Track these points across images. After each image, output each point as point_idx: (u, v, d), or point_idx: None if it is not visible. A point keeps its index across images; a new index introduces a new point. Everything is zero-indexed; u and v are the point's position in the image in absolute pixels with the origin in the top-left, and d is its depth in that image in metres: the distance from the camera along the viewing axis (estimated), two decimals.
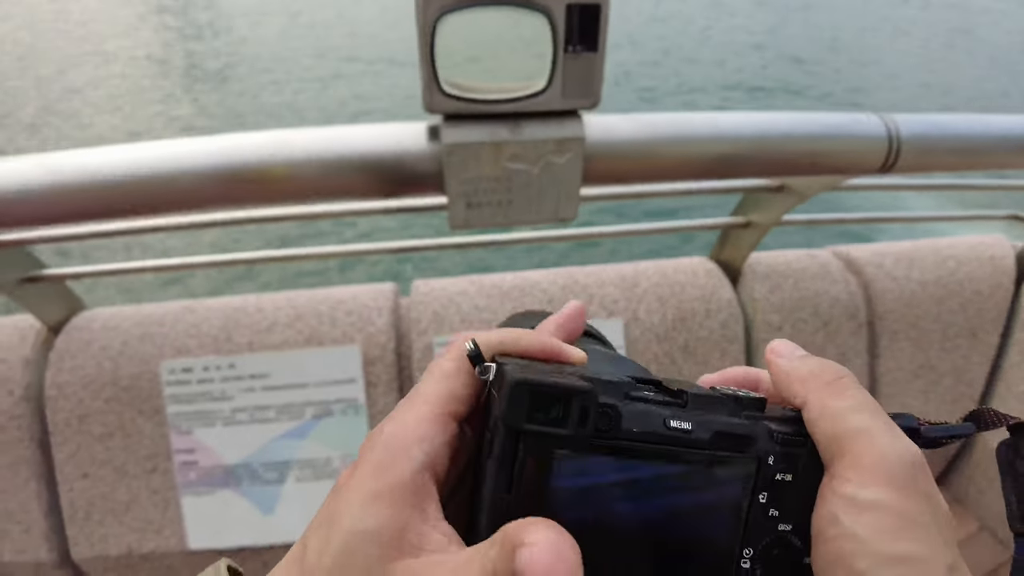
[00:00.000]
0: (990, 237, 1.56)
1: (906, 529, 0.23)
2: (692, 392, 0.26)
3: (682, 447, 0.25)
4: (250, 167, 0.73)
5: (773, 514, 0.26)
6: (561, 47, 0.67)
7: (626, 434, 0.24)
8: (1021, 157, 0.98)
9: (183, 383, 1.07)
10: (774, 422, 0.26)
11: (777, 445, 0.26)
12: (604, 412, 0.24)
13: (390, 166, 0.76)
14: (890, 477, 0.24)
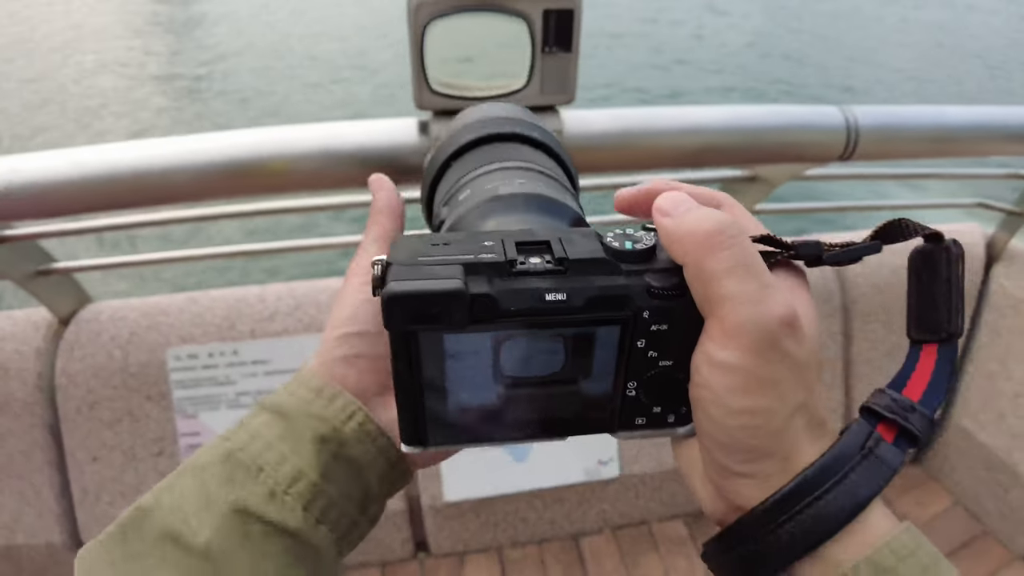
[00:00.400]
0: (963, 224, 1.62)
1: (754, 388, 0.26)
2: (573, 258, 0.28)
3: (559, 315, 0.28)
4: (253, 161, 0.79)
5: (652, 355, 0.29)
6: (539, 48, 0.73)
7: (505, 313, 0.27)
8: (974, 146, 1.05)
9: (188, 369, 1.13)
10: (655, 275, 0.28)
11: (654, 300, 0.28)
12: (480, 302, 0.27)
13: (383, 159, 0.81)
14: (746, 342, 0.26)
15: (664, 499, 1.47)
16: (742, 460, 0.27)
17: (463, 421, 0.31)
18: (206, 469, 0.32)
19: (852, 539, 0.26)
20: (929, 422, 0.28)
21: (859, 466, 0.26)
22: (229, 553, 0.29)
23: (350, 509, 0.33)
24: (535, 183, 0.38)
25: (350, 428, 0.33)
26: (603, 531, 1.47)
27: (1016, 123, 1.07)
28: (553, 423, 0.31)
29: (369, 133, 0.81)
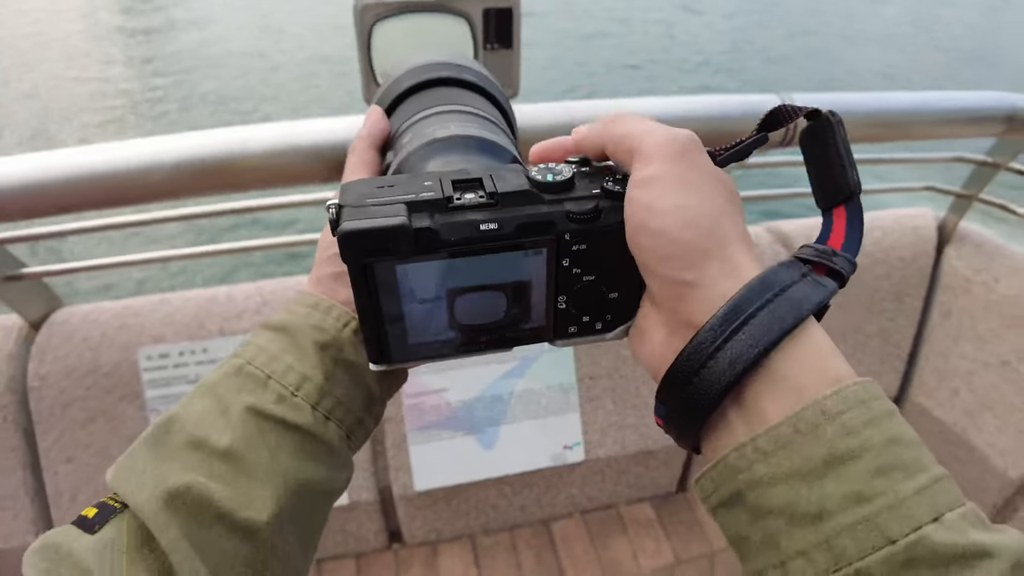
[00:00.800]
0: (915, 209, 1.68)
1: (678, 187, 0.30)
2: (503, 191, 0.32)
3: (493, 241, 0.32)
4: (219, 159, 0.81)
5: (577, 271, 0.34)
6: (480, 45, 0.76)
7: (446, 243, 0.31)
8: (914, 130, 1.10)
9: (160, 368, 1.15)
10: (574, 202, 0.33)
11: (573, 224, 0.32)
12: (423, 234, 0.31)
13: (343, 153, 0.85)
14: (664, 155, 0.31)
15: (630, 482, 1.51)
16: (686, 264, 0.29)
17: (420, 343, 0.35)
18: (219, 384, 0.35)
19: (800, 352, 0.27)
20: (850, 263, 0.31)
21: (799, 283, 0.28)
22: (248, 450, 0.32)
23: (355, 407, 0.37)
24: (471, 125, 0.42)
25: (346, 335, 0.37)
26: (572, 515, 1.50)
27: (954, 107, 1.12)
28: (499, 339, 0.36)
29: (329, 130, 0.85)
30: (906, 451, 0.25)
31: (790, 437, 0.25)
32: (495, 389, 1.29)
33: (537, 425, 1.32)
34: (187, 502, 0.30)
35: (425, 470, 1.27)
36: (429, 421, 1.26)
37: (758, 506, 0.26)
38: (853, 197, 0.32)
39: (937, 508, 0.23)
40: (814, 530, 0.24)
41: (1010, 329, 1.50)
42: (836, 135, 0.33)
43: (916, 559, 0.22)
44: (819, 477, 0.25)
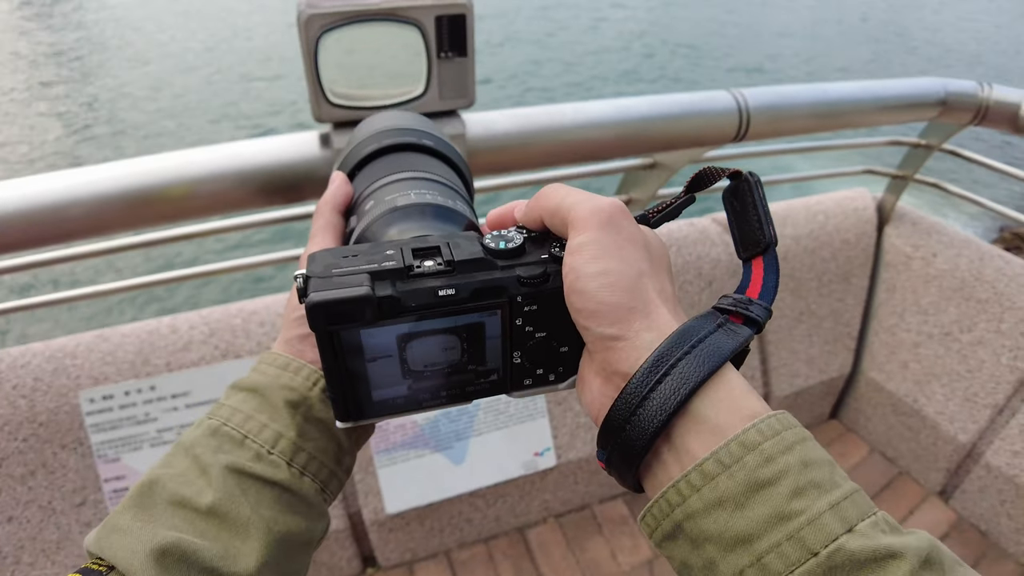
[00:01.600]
0: (853, 191, 1.73)
1: (603, 253, 0.32)
2: (459, 259, 0.34)
3: (452, 305, 0.34)
4: (152, 189, 0.76)
5: (529, 329, 0.37)
6: (434, 54, 0.73)
7: (407, 308, 0.33)
8: (858, 118, 1.12)
9: (105, 411, 1.08)
10: (524, 268, 0.35)
11: (524, 287, 0.35)
12: (386, 302, 0.33)
13: (287, 175, 0.80)
14: (591, 223, 0.33)
15: (602, 481, 1.50)
16: (612, 320, 0.32)
17: (384, 400, 0.37)
18: (195, 445, 0.36)
19: (718, 395, 0.30)
20: (766, 310, 0.34)
21: (716, 332, 0.31)
22: (231, 507, 0.34)
23: (327, 461, 0.39)
24: (428, 193, 0.44)
25: (315, 393, 0.39)
26: (547, 520, 1.49)
27: (890, 95, 1.15)
28: (460, 393, 0.38)
29: (270, 150, 0.80)
30: (819, 472, 0.28)
31: (716, 470, 0.28)
32: None
33: (506, 435, 1.30)
34: (176, 559, 0.31)
35: (395, 492, 1.23)
36: (395, 442, 1.22)
37: (696, 536, 0.29)
38: (769, 249, 0.36)
39: (849, 520, 0.26)
40: (745, 552, 0.27)
41: (949, 301, 1.56)
42: (755, 194, 0.36)
43: (836, 566, 0.25)
44: (744, 503, 0.27)
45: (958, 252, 1.56)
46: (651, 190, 1.14)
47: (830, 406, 1.79)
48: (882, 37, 11.64)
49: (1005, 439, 1.47)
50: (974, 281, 1.52)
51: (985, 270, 1.51)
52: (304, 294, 0.32)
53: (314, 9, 0.70)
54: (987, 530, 1.54)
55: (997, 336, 1.49)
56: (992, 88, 1.22)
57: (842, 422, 1.81)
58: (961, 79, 1.25)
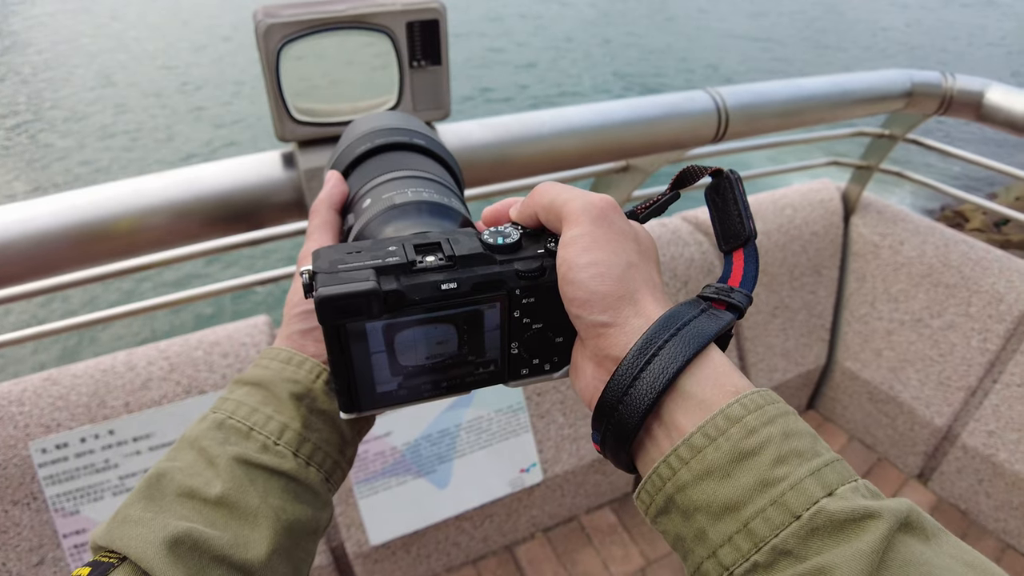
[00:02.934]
0: (817, 182, 1.73)
1: (594, 245, 0.34)
2: (460, 254, 0.36)
3: (453, 298, 0.35)
4: (100, 223, 0.69)
5: (526, 321, 0.38)
6: (406, 63, 0.68)
7: (411, 302, 0.35)
8: (830, 112, 1.11)
9: (59, 460, 0.99)
10: (522, 262, 0.37)
11: (522, 281, 0.36)
12: (391, 296, 0.34)
13: (249, 199, 0.74)
14: (584, 218, 0.35)
15: (588, 491, 1.47)
16: (602, 308, 0.34)
17: (387, 391, 0.38)
18: (200, 438, 0.37)
19: (703, 373, 0.32)
20: (747, 297, 0.35)
21: (700, 317, 0.33)
22: (239, 497, 0.35)
23: (332, 451, 0.40)
24: (425, 191, 0.45)
25: (319, 385, 0.40)
26: (535, 536, 1.45)
27: (859, 87, 1.14)
28: (459, 384, 0.40)
29: (230, 173, 0.74)
30: (800, 441, 0.29)
31: (703, 443, 0.29)
32: (440, 424, 1.21)
33: (490, 453, 1.25)
34: (189, 547, 0.32)
35: (378, 522, 1.17)
36: (375, 471, 1.16)
37: (686, 507, 0.30)
38: (749, 241, 0.37)
39: (829, 485, 0.27)
40: (733, 519, 0.28)
41: (918, 287, 1.57)
42: (735, 190, 0.38)
43: (817, 528, 0.26)
44: (730, 473, 0.29)
45: (924, 239, 1.57)
46: (625, 193, 1.11)
47: (807, 397, 1.80)
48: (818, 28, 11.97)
49: (980, 420, 1.49)
50: (941, 267, 1.53)
51: (951, 255, 1.53)
52: (311, 289, 0.33)
53: (273, 18, 0.65)
54: (967, 509, 1.56)
55: (966, 320, 1.51)
56: (955, 78, 1.23)
57: (820, 412, 1.81)
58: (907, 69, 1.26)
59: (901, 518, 0.26)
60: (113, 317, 1.02)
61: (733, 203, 0.38)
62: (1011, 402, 1.44)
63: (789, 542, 0.27)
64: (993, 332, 1.47)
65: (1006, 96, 1.22)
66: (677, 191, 0.40)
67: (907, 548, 0.26)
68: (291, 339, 0.42)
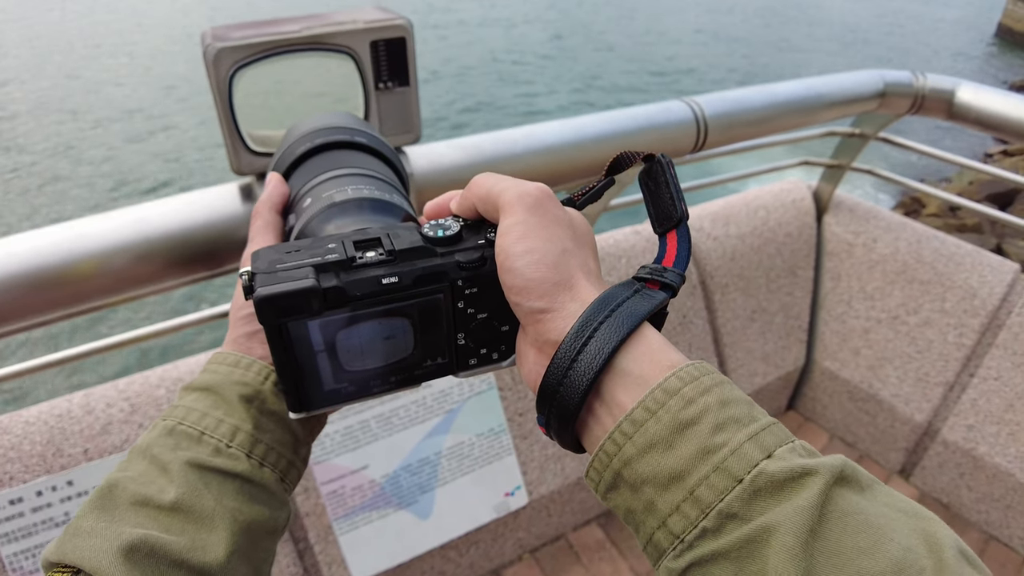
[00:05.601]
0: (788, 182, 1.72)
1: (529, 233, 0.35)
2: (400, 248, 0.35)
3: (396, 292, 0.35)
4: (48, 271, 0.63)
5: (471, 311, 0.38)
6: (371, 85, 0.64)
7: (353, 298, 0.34)
8: (806, 117, 1.09)
9: (14, 517, 0.92)
10: (463, 253, 0.37)
11: (463, 271, 0.36)
12: (331, 292, 0.34)
13: (207, 236, 0.69)
14: (519, 207, 0.35)
15: (575, 508, 1.44)
16: (539, 295, 0.34)
17: (335, 388, 0.38)
18: (151, 447, 0.37)
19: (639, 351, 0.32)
20: (679, 276, 0.36)
21: (633, 297, 0.34)
22: (195, 500, 0.35)
23: (285, 451, 0.40)
24: (365, 188, 0.45)
25: (267, 387, 0.40)
26: (522, 557, 1.41)
27: (833, 90, 1.13)
28: (408, 378, 0.39)
29: (186, 209, 0.69)
30: (737, 408, 0.30)
31: (644, 416, 0.30)
32: (420, 452, 1.16)
33: (473, 479, 1.21)
34: (145, 554, 0.31)
35: (360, 559, 1.12)
36: (354, 505, 1.11)
37: (634, 481, 0.30)
38: (681, 222, 0.38)
39: (768, 447, 0.28)
40: (678, 488, 0.29)
41: (894, 285, 1.57)
42: (667, 173, 0.38)
43: (759, 489, 0.27)
44: (672, 443, 0.29)
45: (896, 236, 1.57)
46: (603, 203, 1.08)
47: (787, 398, 1.79)
48: None
49: (959, 414, 1.49)
50: (915, 263, 1.53)
51: (924, 252, 1.53)
52: (251, 290, 0.33)
53: (223, 42, 0.60)
54: (949, 503, 1.57)
55: (941, 315, 1.51)
56: (926, 77, 1.23)
57: (800, 413, 1.81)
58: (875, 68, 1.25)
59: (836, 472, 0.27)
60: (69, 359, 0.96)
61: (665, 186, 0.38)
62: (988, 395, 1.45)
63: (734, 505, 0.27)
64: (968, 327, 1.47)
65: (976, 95, 1.22)
66: (612, 177, 0.41)
67: (844, 500, 0.27)
68: (237, 342, 0.42)
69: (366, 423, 1.10)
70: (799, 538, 0.25)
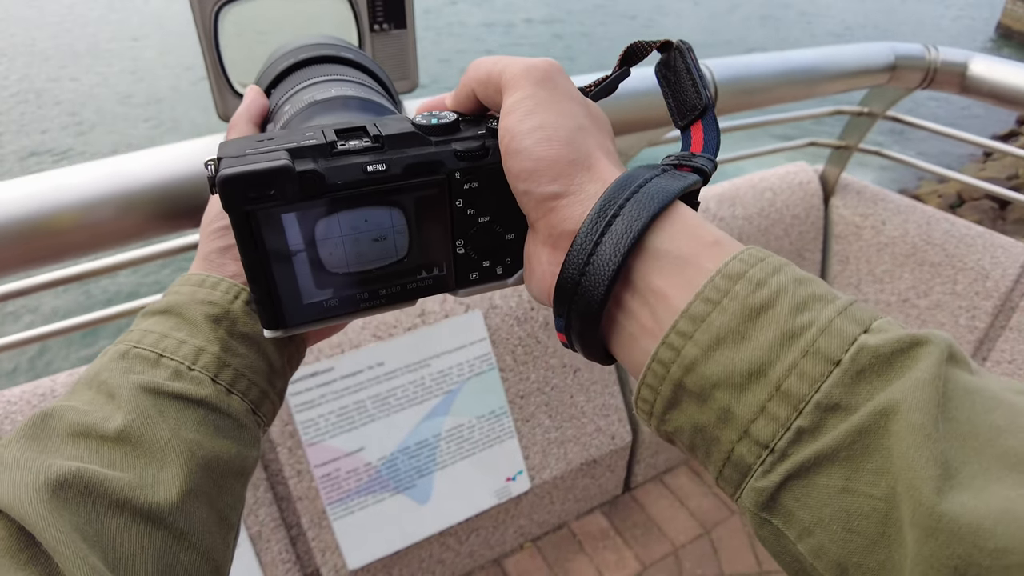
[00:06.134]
0: (794, 165, 1.69)
1: (538, 108, 0.30)
2: (388, 134, 0.31)
3: (382, 183, 0.31)
4: (23, 223, 0.59)
5: (471, 212, 0.33)
6: (366, 27, 0.60)
7: (332, 187, 0.30)
8: (816, 86, 1.06)
9: None
10: (461, 141, 0.32)
11: (461, 162, 0.32)
12: (308, 177, 0.29)
13: (195, 188, 0.64)
14: (526, 82, 0.31)
15: (578, 496, 1.40)
16: (552, 177, 0.29)
17: (316, 302, 0.33)
18: (100, 372, 0.32)
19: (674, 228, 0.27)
20: (710, 161, 0.32)
21: (663, 175, 0.29)
22: (146, 429, 0.30)
23: (257, 379, 0.35)
24: (351, 88, 0.41)
25: (238, 306, 0.35)
26: (524, 546, 1.37)
27: (845, 60, 1.10)
28: (400, 292, 0.34)
29: (170, 161, 0.65)
30: (817, 286, 0.25)
31: (705, 309, 0.25)
32: (418, 434, 1.12)
33: (473, 463, 1.17)
34: (78, 492, 0.26)
35: (355, 545, 1.08)
36: (349, 489, 1.07)
37: (701, 388, 0.25)
38: (707, 111, 0.34)
39: (863, 321, 0.23)
40: (760, 385, 0.24)
41: (903, 268, 1.54)
42: (687, 60, 0.34)
43: (862, 369, 0.22)
44: (745, 334, 0.24)
45: (906, 218, 1.54)
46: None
47: None
48: None
49: None
50: (925, 245, 1.50)
51: (934, 234, 1.50)
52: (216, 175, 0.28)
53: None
54: None
55: (953, 298, 1.47)
56: (938, 50, 1.19)
57: None
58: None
59: (948, 345, 0.22)
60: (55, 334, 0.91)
61: (686, 74, 0.34)
62: None
63: (834, 393, 0.22)
64: (981, 309, 1.43)
65: (990, 67, 1.18)
66: (627, 68, 0.36)
67: (961, 377, 0.22)
68: (208, 259, 0.38)
69: (361, 403, 1.06)
70: (929, 415, 0.20)
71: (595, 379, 1.33)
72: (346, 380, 1.06)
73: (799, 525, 0.23)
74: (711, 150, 0.33)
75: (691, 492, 1.50)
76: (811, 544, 0.22)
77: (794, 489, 0.23)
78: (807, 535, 0.22)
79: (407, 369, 1.10)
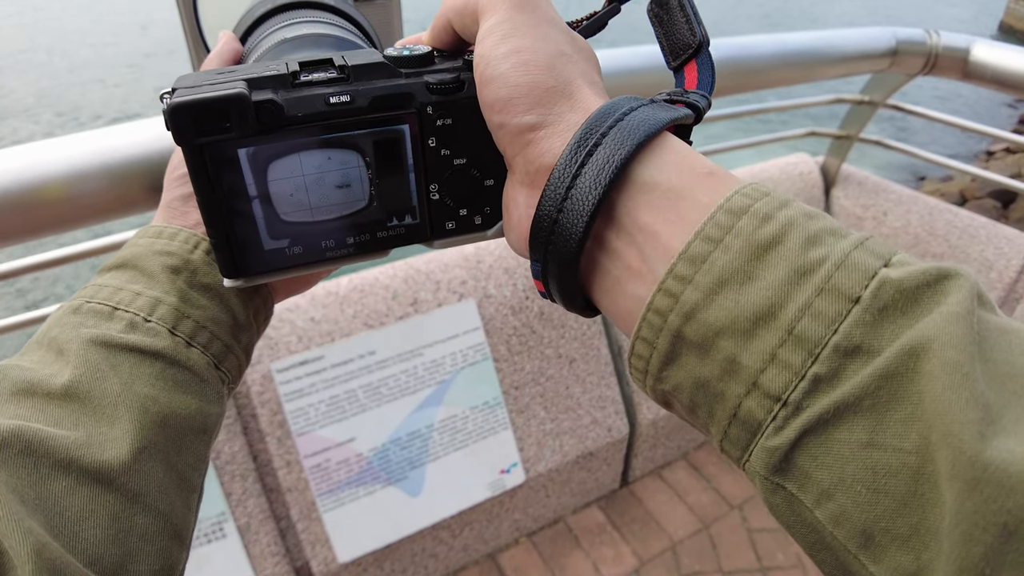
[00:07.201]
0: (794, 156, 1.67)
1: (515, 32, 0.28)
2: (354, 64, 0.28)
3: (347, 116, 0.28)
4: (10, 192, 0.58)
5: (445, 153, 0.31)
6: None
7: (291, 120, 0.27)
8: (814, 70, 1.04)
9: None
10: (435, 73, 0.29)
11: (434, 96, 0.29)
12: (265, 108, 0.27)
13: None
14: (504, 5, 0.28)
15: (574, 489, 1.38)
16: (529, 105, 0.27)
17: (278, 248, 0.30)
18: (50, 329, 0.30)
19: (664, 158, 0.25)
20: (704, 98, 0.29)
21: (650, 104, 0.27)
22: (95, 384, 0.28)
23: (221, 333, 0.33)
24: (324, 28, 0.39)
25: (198, 256, 0.33)
26: (519, 541, 1.35)
27: (844, 44, 1.08)
28: (371, 240, 0.32)
29: (163, 132, 0.63)
30: (828, 221, 0.22)
31: (706, 249, 0.22)
32: (410, 425, 1.10)
33: (467, 455, 1.15)
34: (19, 451, 0.25)
35: (346, 538, 1.06)
36: (339, 481, 1.05)
37: (702, 337, 0.22)
38: (701, 49, 0.31)
39: (883, 254, 0.21)
40: (770, 329, 0.21)
41: None
42: None
43: (887, 305, 0.19)
44: (751, 273, 0.21)
45: (908, 209, 1.52)
46: None
47: None
48: None
49: None
50: (928, 236, 1.48)
51: (936, 224, 1.48)
52: None
53: None
54: None
55: None
56: (940, 35, 1.17)
57: None
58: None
59: (976, 282, 0.20)
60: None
61: (679, 9, 0.31)
62: None
63: (855, 334, 0.19)
64: None
65: (992, 52, 1.16)
66: (617, 4, 0.34)
67: (991, 317, 0.19)
68: (170, 207, 0.35)
69: (352, 392, 1.04)
70: (965, 352, 0.17)
71: (591, 370, 1.31)
72: (337, 369, 1.04)
73: (816, 488, 0.20)
74: (706, 87, 0.30)
75: (690, 487, 1.48)
76: (831, 509, 0.19)
77: (810, 447, 0.20)
78: (826, 499, 0.20)
79: (399, 358, 1.08)
